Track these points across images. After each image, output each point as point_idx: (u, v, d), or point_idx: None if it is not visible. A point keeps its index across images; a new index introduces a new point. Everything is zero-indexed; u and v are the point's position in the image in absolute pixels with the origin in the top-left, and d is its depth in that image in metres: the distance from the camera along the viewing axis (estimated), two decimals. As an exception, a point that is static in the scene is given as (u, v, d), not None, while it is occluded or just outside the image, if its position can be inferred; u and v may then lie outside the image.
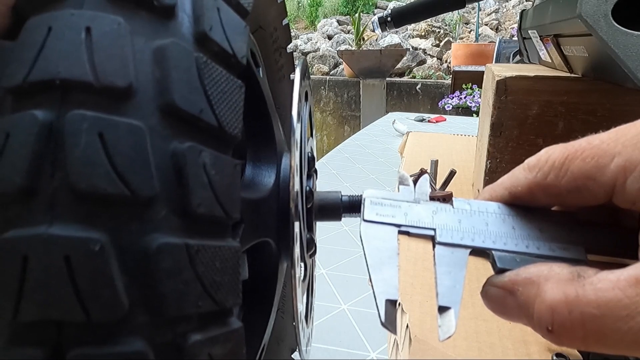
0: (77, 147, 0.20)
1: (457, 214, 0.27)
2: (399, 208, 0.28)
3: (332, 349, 0.58)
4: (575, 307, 0.21)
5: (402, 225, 0.27)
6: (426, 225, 0.27)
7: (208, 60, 0.23)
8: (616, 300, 0.20)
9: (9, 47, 0.22)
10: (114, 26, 0.22)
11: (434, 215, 0.27)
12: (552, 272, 0.23)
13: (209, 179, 0.22)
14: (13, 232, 0.20)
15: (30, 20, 0.22)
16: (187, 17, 0.24)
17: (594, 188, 0.23)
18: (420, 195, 0.28)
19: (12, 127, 0.20)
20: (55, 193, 0.20)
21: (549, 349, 0.54)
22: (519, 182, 0.26)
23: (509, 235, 0.26)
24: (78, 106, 0.20)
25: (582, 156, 0.23)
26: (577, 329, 0.21)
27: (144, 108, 0.21)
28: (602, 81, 0.67)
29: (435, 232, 0.26)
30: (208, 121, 0.23)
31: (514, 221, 0.26)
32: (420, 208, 0.27)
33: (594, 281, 0.21)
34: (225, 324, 0.23)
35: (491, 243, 0.26)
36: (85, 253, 0.19)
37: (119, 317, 0.20)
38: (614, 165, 0.22)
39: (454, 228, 0.26)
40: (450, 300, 0.25)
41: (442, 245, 0.26)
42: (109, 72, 0.21)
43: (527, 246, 0.26)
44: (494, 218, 0.27)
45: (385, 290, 0.25)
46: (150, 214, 0.21)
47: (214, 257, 0.22)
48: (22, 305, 0.20)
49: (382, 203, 0.28)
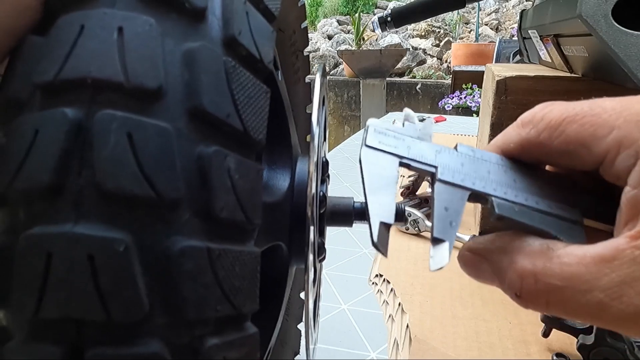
0: (105, 147, 0.20)
1: (460, 157, 0.27)
2: (403, 141, 0.27)
3: (332, 349, 0.58)
4: (541, 278, 0.23)
5: (404, 157, 0.26)
6: (428, 162, 0.26)
7: (236, 65, 0.23)
8: (578, 274, 0.22)
9: (39, 42, 0.22)
10: (146, 27, 0.22)
11: (437, 154, 0.27)
12: (525, 243, 0.24)
13: (232, 183, 0.22)
14: (38, 229, 0.20)
15: (62, 17, 0.22)
16: (216, 21, 0.24)
17: (585, 155, 0.24)
18: (424, 135, 0.28)
19: (41, 123, 0.20)
20: (82, 191, 0.20)
21: (549, 349, 0.55)
22: (511, 138, 0.27)
23: (510, 186, 0.26)
24: (108, 106, 0.20)
25: (581, 121, 0.24)
26: (542, 296, 0.23)
27: (173, 110, 0.21)
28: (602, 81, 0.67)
29: (437, 170, 0.26)
30: (234, 126, 0.23)
31: (516, 174, 0.26)
32: (424, 145, 0.27)
33: (561, 254, 0.23)
34: (242, 329, 0.24)
35: (491, 190, 0.26)
36: (109, 253, 0.19)
37: (139, 318, 0.20)
38: (610, 138, 0.22)
39: (456, 169, 0.26)
40: (445, 234, 0.25)
41: (442, 183, 0.26)
42: (139, 73, 0.21)
43: (526, 199, 0.25)
44: (496, 168, 0.27)
45: (380, 213, 0.25)
46: (174, 216, 0.21)
47: (234, 262, 0.22)
48: (43, 302, 0.20)
49: (386, 133, 0.27)
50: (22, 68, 0.22)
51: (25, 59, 0.22)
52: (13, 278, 0.20)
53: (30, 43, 0.22)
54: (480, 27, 5.90)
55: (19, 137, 0.21)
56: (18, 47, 0.23)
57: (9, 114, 0.22)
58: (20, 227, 0.20)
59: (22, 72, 0.22)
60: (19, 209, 0.21)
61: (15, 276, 0.20)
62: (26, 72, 0.22)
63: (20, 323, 0.21)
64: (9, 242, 0.21)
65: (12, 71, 0.23)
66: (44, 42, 0.22)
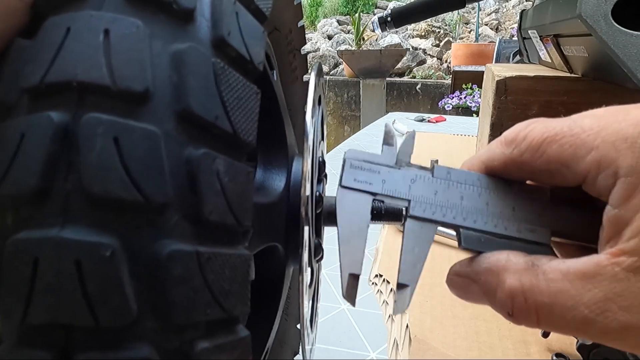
0: (91, 151, 0.20)
1: (434, 185, 0.27)
2: (378, 174, 0.28)
3: (332, 349, 0.58)
4: (530, 296, 0.23)
5: (377, 193, 0.27)
6: (401, 196, 0.27)
7: (225, 66, 0.23)
8: (564, 291, 0.22)
9: (26, 45, 0.22)
10: (133, 29, 0.21)
11: (411, 185, 0.27)
12: (510, 262, 0.25)
13: (222, 186, 0.22)
14: (25, 234, 0.20)
15: (49, 20, 0.22)
16: (205, 22, 0.23)
17: (567, 174, 0.24)
18: (402, 157, 0.28)
19: (27, 127, 0.20)
20: (69, 196, 0.20)
21: (548, 349, 0.55)
22: (495, 156, 0.27)
23: (481, 212, 0.27)
24: (94, 109, 0.20)
25: (560, 141, 0.24)
26: (532, 314, 0.24)
27: (160, 113, 0.21)
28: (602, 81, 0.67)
29: (409, 204, 0.27)
30: (223, 128, 0.23)
31: (490, 197, 0.27)
32: (399, 175, 0.28)
33: (546, 271, 0.23)
34: (233, 332, 0.23)
35: (461, 220, 0.26)
36: (96, 258, 0.19)
37: (127, 323, 0.20)
38: (590, 158, 0.23)
39: (429, 201, 0.27)
40: (409, 278, 0.26)
41: (413, 219, 0.27)
42: (126, 75, 0.21)
43: (495, 225, 0.26)
44: (470, 191, 0.27)
45: (349, 265, 0.26)
46: (162, 220, 0.21)
47: (224, 265, 0.22)
48: (31, 307, 0.19)
49: (362, 167, 0.28)
50: (9, 71, 0.22)
51: (13, 63, 0.22)
52: (1, 284, 0.20)
53: (17, 46, 0.22)
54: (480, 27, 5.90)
55: (5, 142, 0.20)
56: (6, 50, 0.23)
57: (-2, 117, 0.22)
58: (8, 232, 0.20)
59: (9, 76, 0.22)
60: (6, 214, 0.21)
61: (3, 282, 0.20)
62: (13, 75, 0.22)
63: (9, 328, 0.21)
64: None
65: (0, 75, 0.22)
66: (31, 45, 0.22)
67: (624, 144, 0.22)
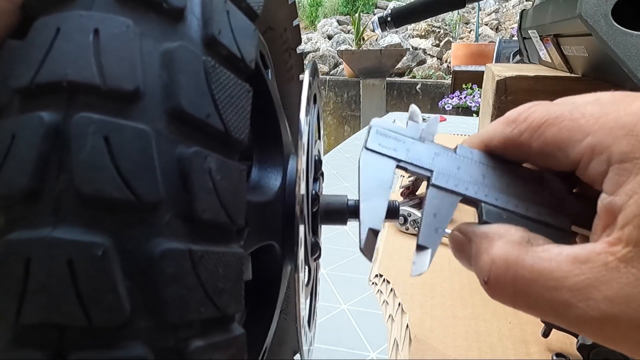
0: (82, 151, 0.20)
1: (457, 161, 0.27)
2: (403, 143, 0.28)
3: (332, 349, 0.58)
4: (511, 267, 0.23)
5: (401, 160, 0.27)
6: (425, 166, 0.27)
7: (216, 64, 0.23)
8: (549, 271, 0.22)
9: (17, 46, 0.22)
10: (123, 29, 0.21)
11: (434, 157, 0.27)
12: (507, 232, 0.24)
13: (214, 184, 0.22)
14: (17, 234, 0.20)
15: (39, 21, 0.22)
16: (196, 20, 0.23)
17: (561, 158, 0.24)
18: (426, 135, 0.28)
19: (18, 128, 0.20)
20: (60, 196, 0.20)
21: (548, 349, 0.55)
22: (495, 134, 0.27)
23: (503, 191, 0.27)
24: (85, 109, 0.20)
25: (560, 124, 0.24)
26: (508, 286, 0.23)
27: (151, 112, 0.21)
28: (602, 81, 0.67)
29: (432, 174, 0.27)
30: (215, 126, 0.23)
31: (510, 179, 0.27)
32: (423, 147, 0.28)
33: (538, 250, 0.23)
34: (227, 330, 0.23)
35: (483, 195, 0.26)
36: (88, 257, 0.19)
37: (121, 322, 0.20)
38: (585, 143, 0.23)
39: (451, 174, 0.27)
40: (429, 241, 0.26)
41: (435, 188, 0.27)
42: (116, 75, 0.21)
43: (516, 205, 0.26)
44: (492, 172, 0.27)
45: (370, 220, 0.26)
46: (154, 219, 0.21)
47: (217, 263, 0.22)
48: (24, 307, 0.19)
49: (387, 135, 0.28)
50: (0, 73, 0.22)
51: (4, 64, 0.22)
52: None
53: (8, 47, 0.22)
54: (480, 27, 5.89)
55: None
56: None
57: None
58: (0, 233, 0.20)
59: (0, 77, 0.22)
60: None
61: None
62: (4, 76, 0.22)
63: (3, 329, 0.21)
64: None
65: (-9, 76, 0.22)
66: (22, 46, 0.22)
67: (620, 131, 0.22)
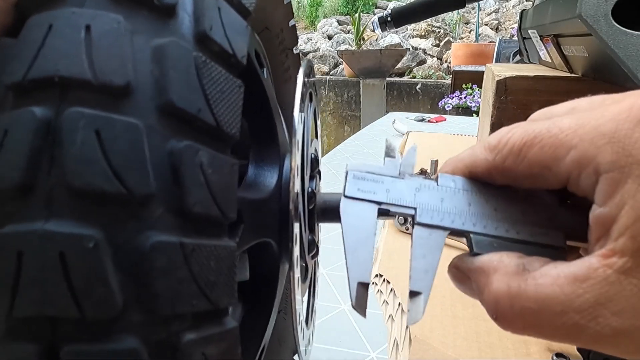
0: (73, 145, 0.20)
1: (440, 192, 0.27)
2: (382, 184, 0.27)
3: (332, 349, 0.58)
4: (516, 301, 0.23)
5: (382, 202, 0.27)
6: (407, 204, 0.27)
7: (207, 60, 0.23)
8: (553, 296, 0.22)
9: (10, 44, 0.22)
10: (114, 25, 0.22)
11: (416, 193, 0.27)
12: (501, 263, 0.24)
13: (205, 178, 0.22)
14: (9, 228, 0.20)
15: (31, 18, 0.22)
16: (187, 17, 0.24)
17: (549, 177, 0.24)
18: (405, 169, 0.28)
19: (10, 123, 0.21)
20: (52, 190, 0.20)
21: (549, 349, 0.55)
22: (478, 162, 0.26)
23: (491, 217, 0.26)
24: (76, 104, 0.20)
25: (540, 144, 0.23)
26: (518, 320, 0.23)
27: (142, 107, 0.21)
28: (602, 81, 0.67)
29: (416, 212, 0.26)
30: (206, 120, 0.23)
31: (497, 202, 0.26)
32: (403, 184, 0.27)
33: (536, 276, 0.23)
34: (220, 324, 0.23)
35: (471, 225, 0.26)
36: (80, 250, 0.20)
37: (113, 315, 0.20)
38: (569, 158, 0.22)
39: (435, 208, 0.26)
40: (421, 286, 0.25)
41: (421, 226, 0.26)
42: (107, 70, 0.21)
43: (507, 230, 0.26)
44: (477, 198, 0.26)
45: (357, 274, 0.26)
46: (145, 212, 0.21)
47: (209, 257, 0.22)
48: (17, 300, 0.20)
49: (365, 177, 0.27)
50: (-6, 70, 0.22)
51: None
52: None
53: (2, 45, 0.22)
54: (480, 27, 5.90)
55: None
56: None
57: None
58: None
59: (-7, 74, 0.22)
60: (-9, 210, 0.21)
61: None
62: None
63: (-4, 322, 0.21)
64: None
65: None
66: (15, 44, 0.22)
67: (602, 140, 0.21)
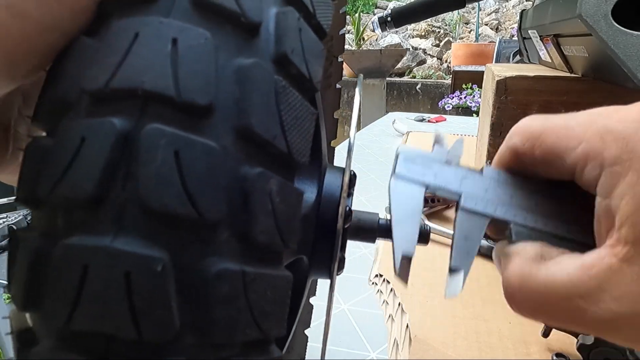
0: (152, 163, 0.19)
1: (484, 183, 0.28)
2: (430, 168, 0.29)
3: (332, 349, 0.58)
4: (525, 284, 0.24)
5: (430, 185, 0.28)
6: (453, 189, 0.28)
7: (286, 84, 0.23)
8: (560, 282, 0.23)
9: (90, 45, 0.21)
10: (201, 40, 0.21)
11: (462, 180, 0.28)
12: (523, 250, 0.26)
13: (273, 207, 0.22)
14: (77, 239, 0.19)
15: (117, 22, 0.21)
16: (270, 37, 0.23)
17: (560, 166, 0.25)
18: (452, 158, 0.29)
19: (88, 131, 0.20)
20: (124, 206, 0.19)
21: (548, 349, 0.55)
22: (504, 148, 0.28)
23: (531, 211, 0.27)
24: (157, 120, 0.20)
25: (557, 133, 0.25)
26: (526, 302, 0.25)
27: (220, 128, 0.21)
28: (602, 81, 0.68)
29: (461, 198, 0.28)
30: (280, 148, 0.22)
31: (538, 198, 0.27)
32: (450, 171, 0.29)
33: (549, 263, 0.24)
34: (266, 352, 0.23)
35: (512, 216, 0.27)
36: (146, 271, 0.19)
37: (169, 338, 0.20)
38: (579, 150, 0.24)
39: (479, 196, 0.28)
40: (462, 263, 0.27)
41: (464, 211, 0.27)
42: (191, 88, 0.20)
43: (545, 224, 0.27)
44: (519, 192, 0.28)
45: (403, 247, 0.27)
46: (213, 237, 0.20)
47: (267, 286, 0.22)
48: (76, 313, 0.19)
49: (415, 161, 0.29)
50: (71, 70, 0.21)
51: (76, 61, 0.21)
52: (47, 284, 0.20)
53: (81, 45, 0.22)
54: (480, 27, 5.90)
55: (65, 142, 0.20)
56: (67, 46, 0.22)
57: (54, 114, 0.22)
58: (59, 234, 0.20)
59: (71, 74, 0.21)
60: (58, 215, 0.20)
61: (49, 283, 0.20)
62: (75, 74, 0.21)
63: (49, 330, 0.21)
64: (46, 247, 0.20)
65: (61, 71, 0.22)
66: (97, 46, 0.21)
67: (609, 137, 0.23)
